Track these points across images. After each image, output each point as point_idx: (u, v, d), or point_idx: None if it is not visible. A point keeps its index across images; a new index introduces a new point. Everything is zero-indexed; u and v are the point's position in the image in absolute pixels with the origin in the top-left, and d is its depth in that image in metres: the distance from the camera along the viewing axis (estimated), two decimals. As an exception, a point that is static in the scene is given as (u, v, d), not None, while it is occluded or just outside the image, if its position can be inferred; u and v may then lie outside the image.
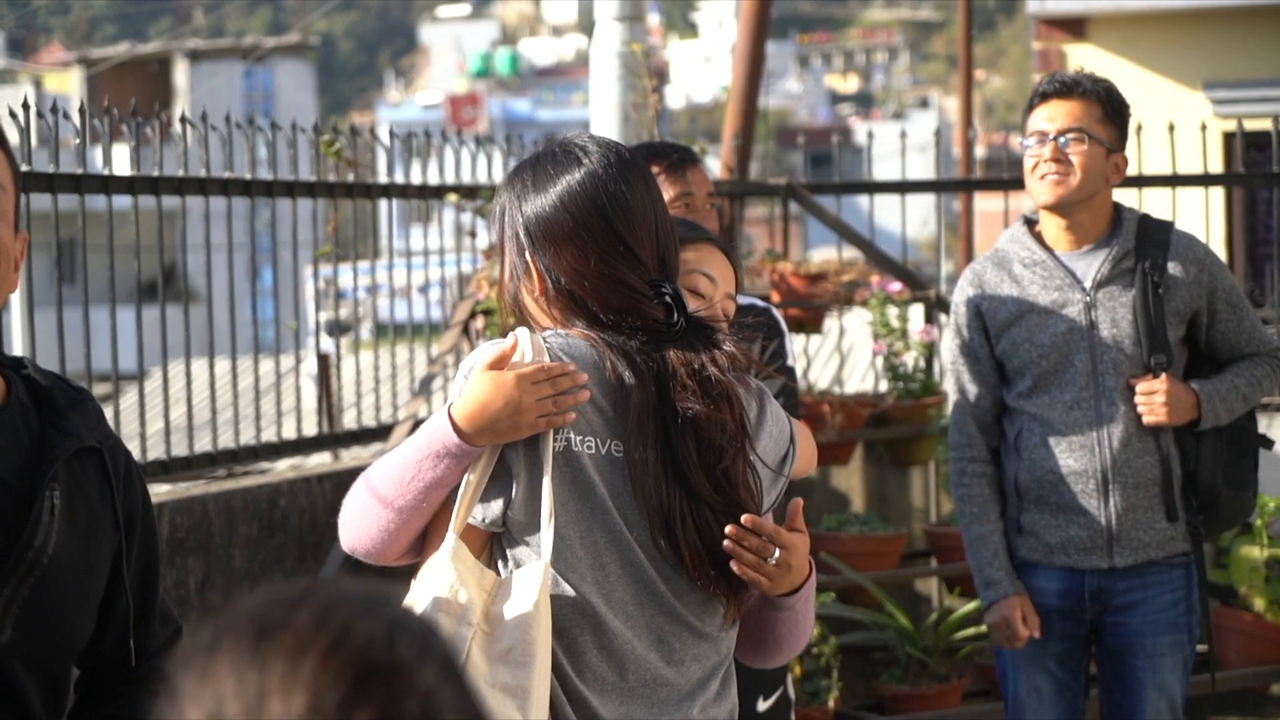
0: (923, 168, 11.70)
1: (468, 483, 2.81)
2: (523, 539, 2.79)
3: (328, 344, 7.91)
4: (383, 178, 7.52)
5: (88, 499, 2.69)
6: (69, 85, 38.52)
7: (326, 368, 7.53)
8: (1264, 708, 7.05)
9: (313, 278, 7.50)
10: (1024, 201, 4.80)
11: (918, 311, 7.24)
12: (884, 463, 7.26)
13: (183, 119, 6.28)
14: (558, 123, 48.81)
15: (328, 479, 6.60)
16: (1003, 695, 4.89)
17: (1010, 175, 7.14)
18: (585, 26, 75.31)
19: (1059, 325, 4.63)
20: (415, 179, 7.53)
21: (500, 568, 2.83)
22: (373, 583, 1.46)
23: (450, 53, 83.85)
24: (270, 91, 41.35)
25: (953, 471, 4.83)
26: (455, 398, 2.86)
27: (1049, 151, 4.62)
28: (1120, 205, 4.77)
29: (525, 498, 2.78)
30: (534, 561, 2.77)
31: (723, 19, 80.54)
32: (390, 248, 7.80)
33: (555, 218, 2.87)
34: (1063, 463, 4.63)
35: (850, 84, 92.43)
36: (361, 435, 7.27)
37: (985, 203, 16.61)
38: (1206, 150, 7.38)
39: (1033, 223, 4.79)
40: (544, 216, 2.88)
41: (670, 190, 4.42)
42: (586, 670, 2.79)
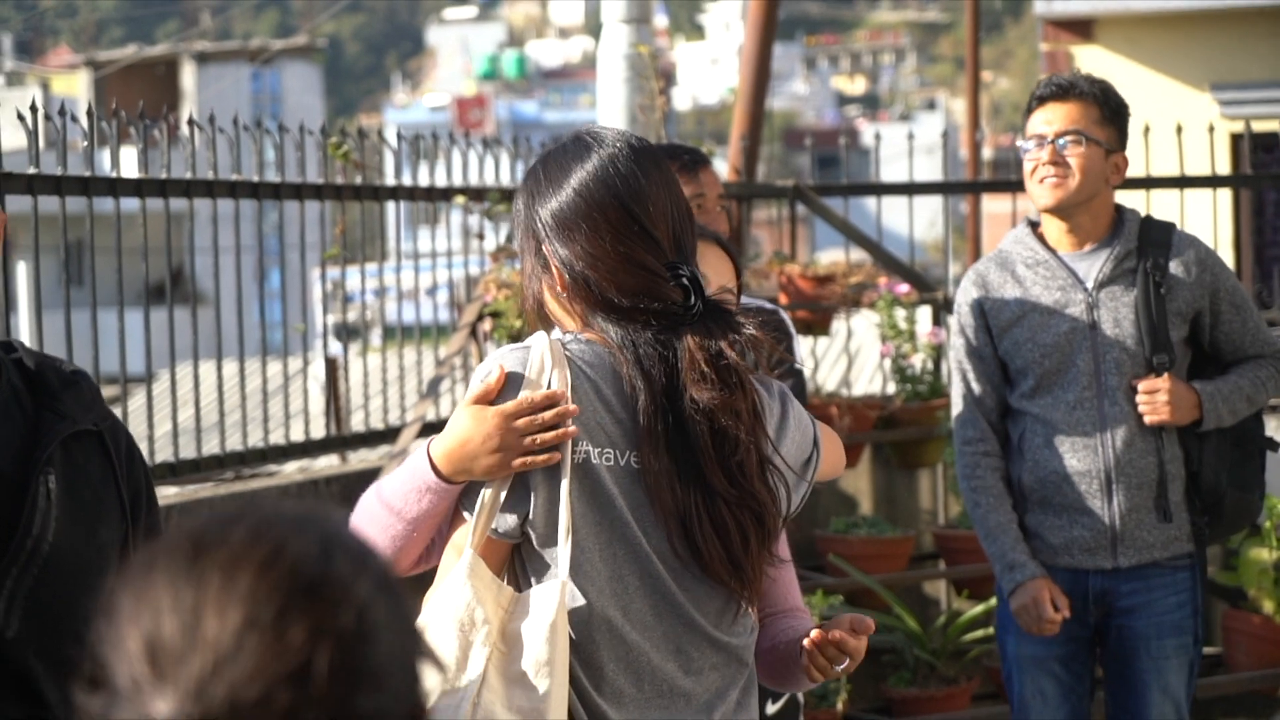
0: (930, 169, 11.70)
1: (485, 497, 2.77)
2: (542, 552, 2.76)
3: (336, 347, 7.92)
4: (390, 180, 7.52)
5: (89, 482, 2.63)
6: (76, 88, 38.55)
7: (334, 370, 7.53)
8: (1273, 710, 7.04)
9: (320, 280, 7.50)
10: (1031, 203, 4.80)
11: (925, 313, 7.24)
12: (892, 465, 7.25)
13: (190, 121, 6.29)
14: (565, 124, 48.81)
15: (335, 481, 6.60)
16: (1008, 698, 4.89)
17: (1017, 177, 7.12)
18: (592, 28, 75.31)
19: (1061, 325, 4.63)
20: (423, 181, 7.53)
21: (520, 582, 2.80)
22: (310, 503, 1.47)
23: (457, 55, 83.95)
24: (277, 94, 41.38)
25: (963, 466, 4.79)
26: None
27: (1047, 154, 4.62)
28: (1121, 206, 4.77)
29: (544, 510, 2.75)
30: (552, 579, 2.74)
31: (730, 21, 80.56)
32: (398, 250, 7.80)
33: (569, 204, 2.82)
34: (1066, 463, 4.62)
35: (857, 86, 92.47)
36: (369, 438, 7.26)
37: (992, 204, 16.61)
38: (1214, 152, 7.38)
39: (1036, 224, 4.80)
40: (558, 206, 2.84)
41: (684, 190, 4.43)
42: (604, 684, 2.76)
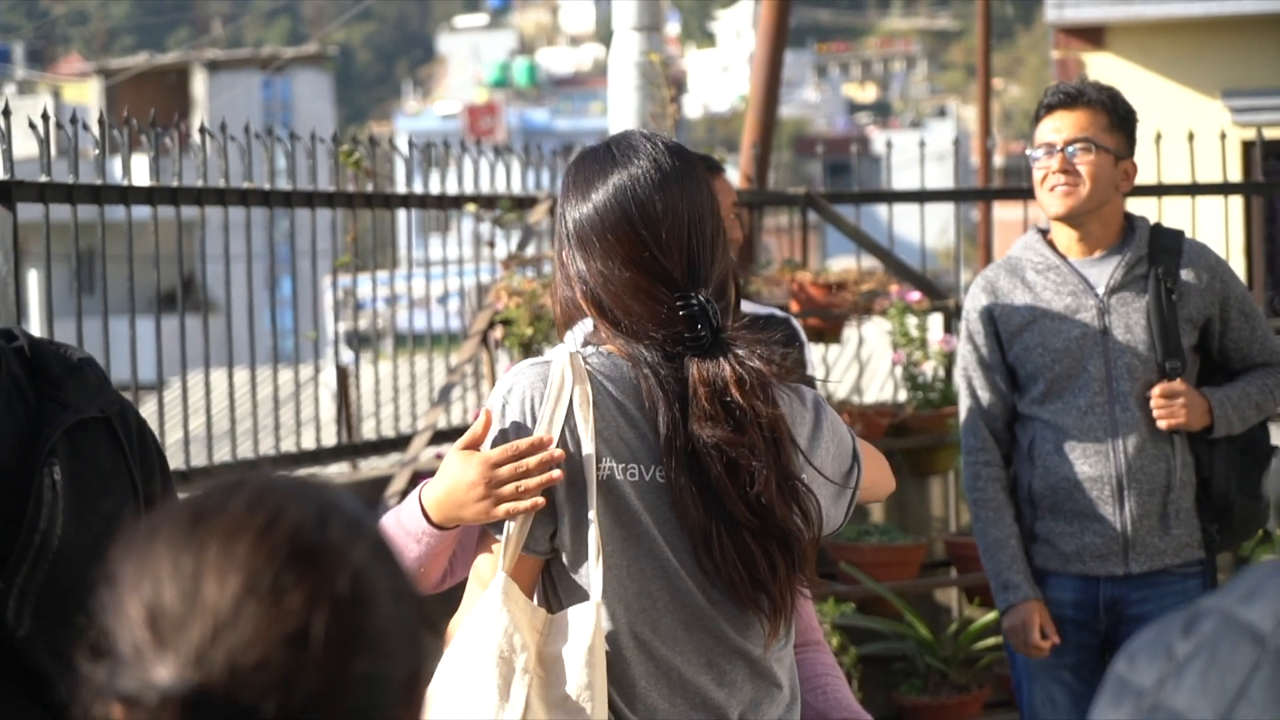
0: (941, 177, 11.72)
1: (511, 522, 2.76)
2: (572, 571, 2.75)
3: (347, 355, 7.92)
4: (401, 188, 7.52)
5: (99, 471, 2.55)
6: (88, 96, 38.61)
7: (345, 378, 7.53)
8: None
9: (331, 287, 7.51)
10: (1042, 211, 4.80)
11: (937, 321, 7.23)
12: (903, 472, 7.24)
13: (201, 129, 6.29)
14: (576, 132, 48.83)
15: (346, 489, 6.59)
16: (1018, 706, 4.88)
17: (1029, 185, 7.11)
18: (603, 36, 75.36)
19: (1072, 330, 4.63)
20: (434, 189, 7.54)
21: (550, 603, 2.79)
22: (306, 473, 1.50)
23: (468, 62, 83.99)
24: (288, 102, 41.42)
25: (966, 476, 4.81)
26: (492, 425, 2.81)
27: (1057, 163, 4.61)
28: (1130, 213, 4.77)
29: (571, 528, 2.73)
30: (585, 601, 2.72)
31: (741, 29, 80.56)
32: (409, 257, 7.81)
33: (586, 219, 2.80)
34: (1077, 469, 4.61)
35: (868, 93, 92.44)
36: (380, 445, 7.26)
37: (1004, 212, 16.60)
38: (1226, 159, 7.36)
39: (1045, 231, 4.80)
40: (577, 218, 2.81)
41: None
42: (636, 701, 2.74)
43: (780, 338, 2.87)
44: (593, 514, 2.70)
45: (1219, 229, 7.18)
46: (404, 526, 2.84)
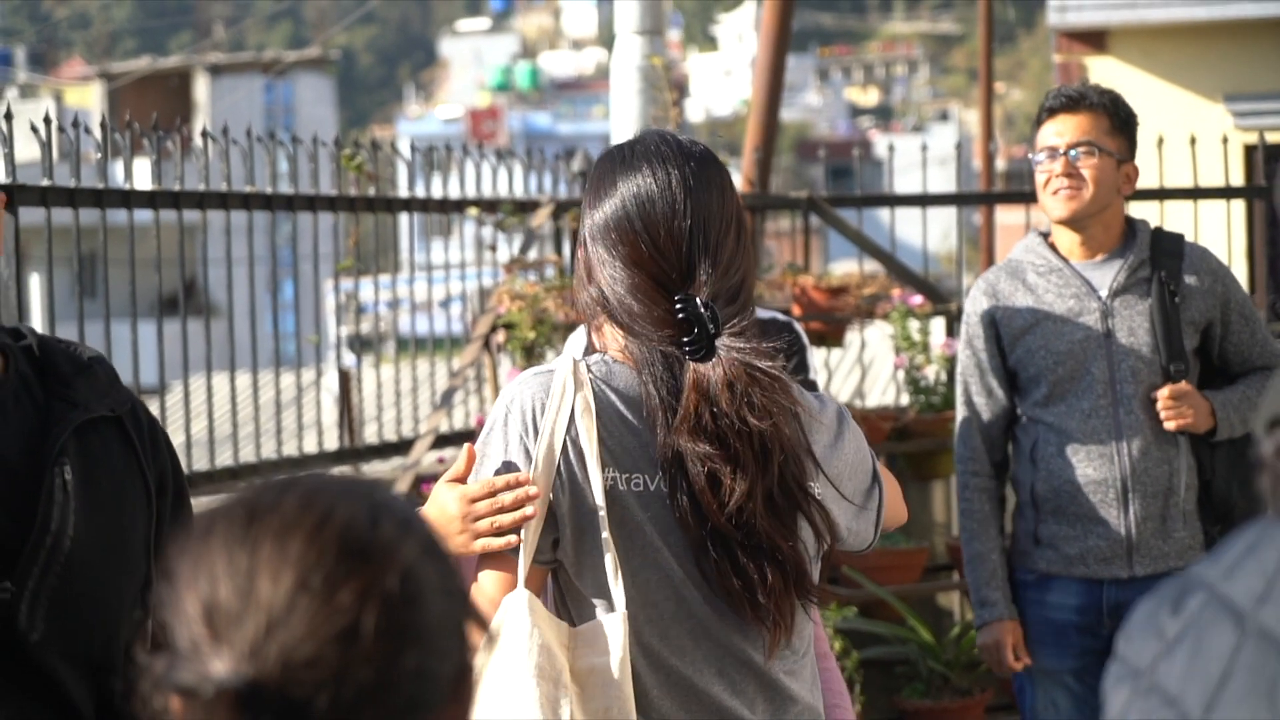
0: (943, 181, 11.72)
1: (526, 530, 2.72)
2: (578, 581, 2.72)
3: (349, 359, 7.92)
4: (403, 191, 7.53)
5: (110, 471, 2.48)
6: (90, 100, 38.64)
7: (347, 382, 7.53)
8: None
9: (333, 291, 7.51)
10: (1044, 214, 4.80)
11: (939, 325, 7.22)
12: (905, 476, 7.23)
13: (203, 133, 6.30)
14: (578, 136, 48.86)
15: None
16: (1020, 710, 4.88)
17: (1031, 188, 7.11)
18: (605, 40, 75.38)
19: (1075, 333, 4.62)
20: (436, 193, 7.54)
21: (560, 613, 2.76)
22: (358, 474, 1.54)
23: (470, 66, 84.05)
24: (291, 105, 41.46)
25: (957, 484, 4.85)
26: (486, 436, 2.79)
27: (1060, 166, 4.61)
28: (1131, 217, 4.77)
29: (576, 538, 2.70)
30: (609, 613, 2.68)
31: (743, 32, 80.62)
32: (411, 261, 7.81)
33: (598, 218, 2.77)
34: (1081, 472, 4.61)
35: (870, 97, 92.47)
36: (382, 450, 7.26)
37: (1006, 215, 16.60)
38: (1228, 163, 7.36)
39: (1046, 234, 4.79)
40: (592, 217, 2.79)
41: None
42: (652, 712, 2.71)
43: (782, 343, 2.84)
44: (605, 526, 2.67)
45: (1221, 233, 7.18)
46: None
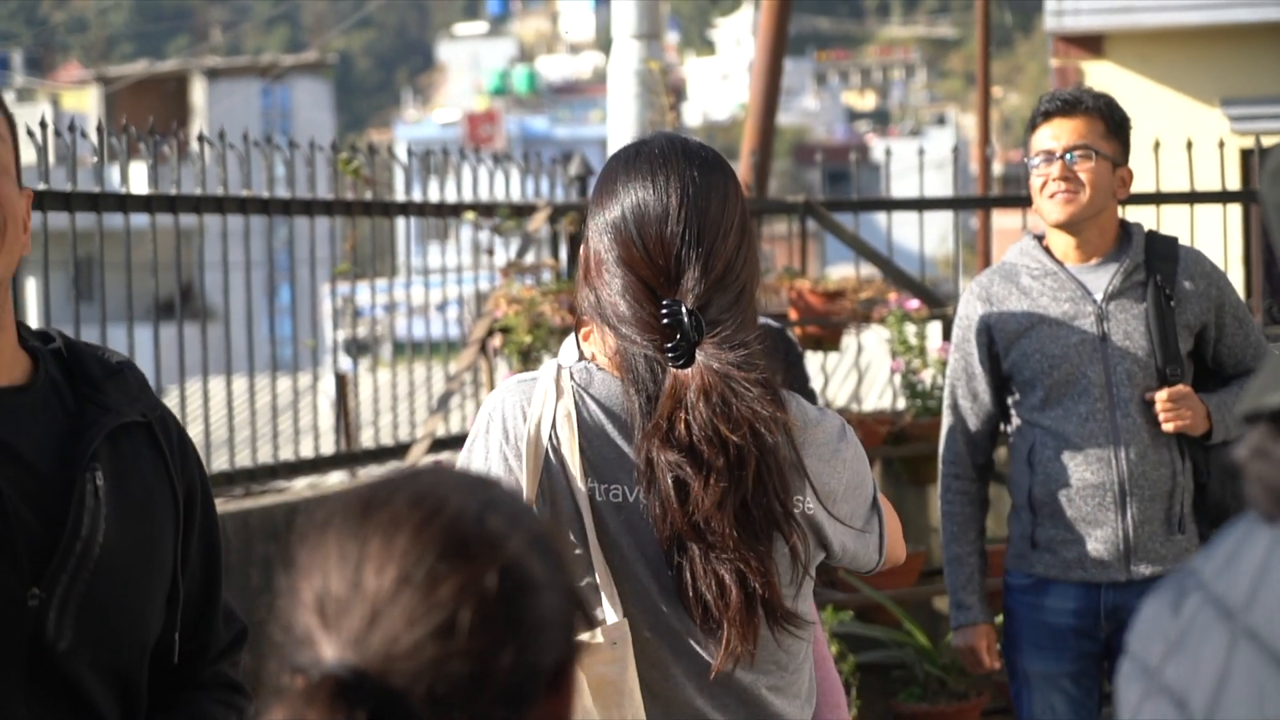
0: (940, 185, 11.69)
1: None
2: None
3: (346, 363, 7.91)
4: (400, 196, 7.53)
5: (141, 477, 2.43)
6: (86, 103, 38.65)
7: (344, 386, 7.53)
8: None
9: (330, 296, 7.51)
10: (1040, 219, 4.80)
11: (936, 329, 7.23)
12: (902, 480, 7.24)
13: (200, 137, 6.30)
14: (575, 140, 48.85)
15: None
16: (1016, 714, 4.88)
17: (1028, 192, 7.12)
18: (603, 44, 75.40)
19: (1071, 337, 4.62)
20: (433, 197, 7.54)
21: None
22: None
23: (468, 70, 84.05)
24: (288, 109, 41.46)
25: (940, 487, 4.88)
26: (470, 444, 2.75)
27: (1057, 170, 4.62)
28: (1126, 220, 4.77)
29: None
30: (610, 622, 2.63)
31: (740, 37, 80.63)
32: (408, 265, 7.81)
33: (596, 217, 2.73)
34: (1078, 476, 4.61)
35: (868, 101, 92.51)
36: (379, 454, 7.26)
37: (1003, 220, 16.58)
38: (1224, 167, 7.36)
39: (1041, 237, 4.79)
40: (592, 216, 2.75)
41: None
42: None
43: (769, 348, 2.80)
44: (591, 532, 2.64)
45: (1217, 237, 7.18)
46: None
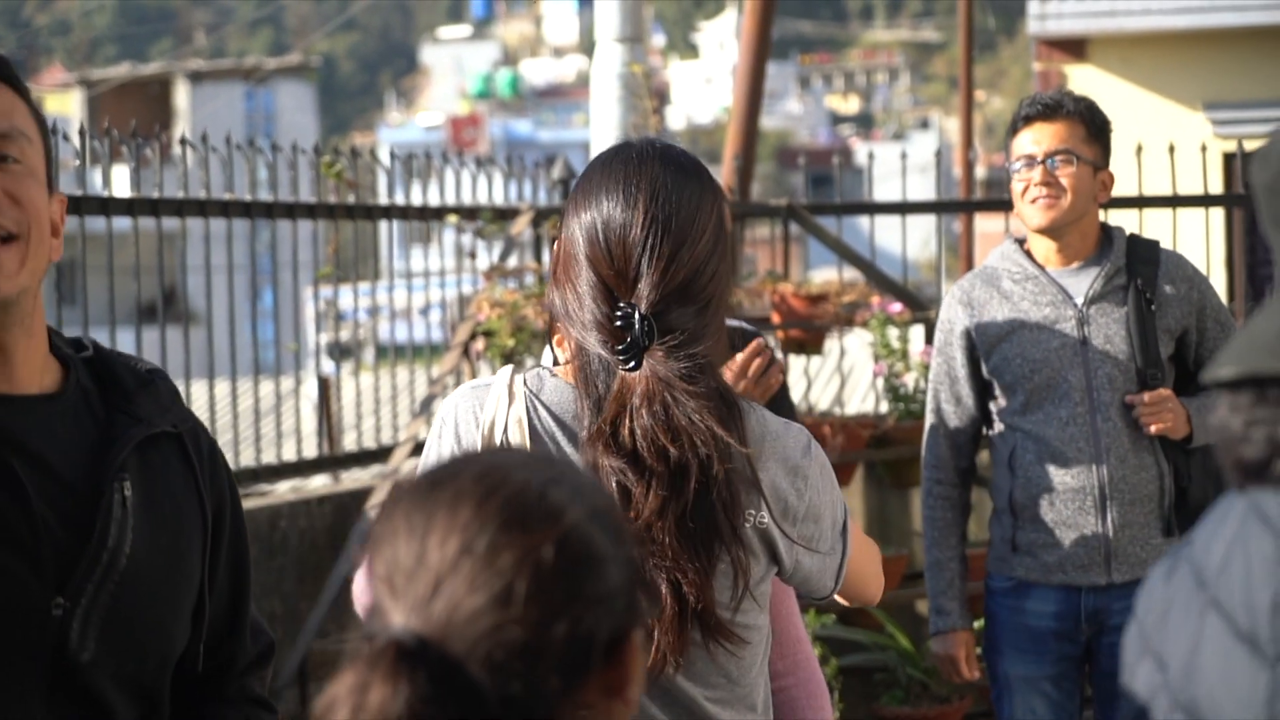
0: (923, 188, 11.72)
1: None
2: None
3: (328, 366, 7.91)
4: (383, 199, 7.52)
5: (170, 489, 2.41)
6: (69, 106, 38.56)
7: (327, 390, 7.52)
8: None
9: (313, 299, 7.50)
10: (1022, 223, 4.80)
11: (918, 332, 7.23)
12: (885, 484, 7.24)
13: (183, 140, 6.29)
14: (559, 143, 48.84)
15: (328, 501, 6.59)
16: (998, 717, 4.88)
17: (1010, 196, 7.13)
18: (586, 47, 75.37)
19: (1051, 341, 4.62)
20: (416, 200, 7.53)
21: None
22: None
23: (451, 74, 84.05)
24: (271, 112, 41.41)
25: (922, 491, 4.88)
26: (425, 450, 2.75)
27: (1038, 175, 4.61)
28: (1107, 224, 4.78)
29: None
30: None
31: (724, 40, 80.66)
32: (391, 269, 7.80)
33: (569, 217, 2.69)
34: (1060, 480, 4.61)
35: (851, 105, 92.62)
36: (362, 457, 7.25)
37: (986, 223, 16.63)
38: (1207, 171, 7.37)
39: (1022, 241, 4.79)
40: (566, 217, 2.71)
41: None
42: None
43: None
44: None
45: (1200, 241, 7.19)
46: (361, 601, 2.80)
